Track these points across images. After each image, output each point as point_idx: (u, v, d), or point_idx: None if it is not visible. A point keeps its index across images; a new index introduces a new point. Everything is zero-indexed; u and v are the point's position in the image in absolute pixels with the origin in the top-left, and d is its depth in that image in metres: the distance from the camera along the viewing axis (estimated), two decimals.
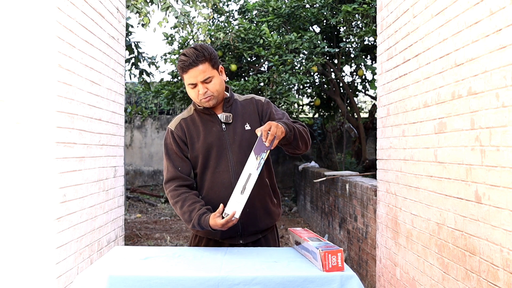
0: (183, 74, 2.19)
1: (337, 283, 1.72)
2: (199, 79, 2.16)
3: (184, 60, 2.16)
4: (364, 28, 7.76)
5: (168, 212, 9.38)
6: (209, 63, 2.17)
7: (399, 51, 3.44)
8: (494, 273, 2.12)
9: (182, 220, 2.27)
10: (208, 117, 2.29)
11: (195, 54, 2.15)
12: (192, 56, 2.14)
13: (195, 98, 2.23)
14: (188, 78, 2.18)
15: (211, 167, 2.24)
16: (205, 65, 2.16)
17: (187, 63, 2.14)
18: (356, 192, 5.01)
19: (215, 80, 2.20)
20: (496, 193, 2.10)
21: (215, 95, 2.21)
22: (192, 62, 2.14)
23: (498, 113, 2.09)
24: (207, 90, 2.19)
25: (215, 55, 2.22)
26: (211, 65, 2.18)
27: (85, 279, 1.74)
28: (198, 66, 2.15)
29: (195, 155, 2.27)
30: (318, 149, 11.58)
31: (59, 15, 2.95)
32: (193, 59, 2.14)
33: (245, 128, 2.27)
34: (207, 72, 2.17)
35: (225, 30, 7.85)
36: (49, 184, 2.89)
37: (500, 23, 2.07)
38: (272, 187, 2.35)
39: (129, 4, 5.79)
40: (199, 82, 2.17)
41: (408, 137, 3.24)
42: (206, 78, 2.17)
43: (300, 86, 8.96)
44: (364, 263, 4.66)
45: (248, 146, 2.21)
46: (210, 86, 2.19)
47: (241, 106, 2.32)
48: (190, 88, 2.21)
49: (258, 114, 2.30)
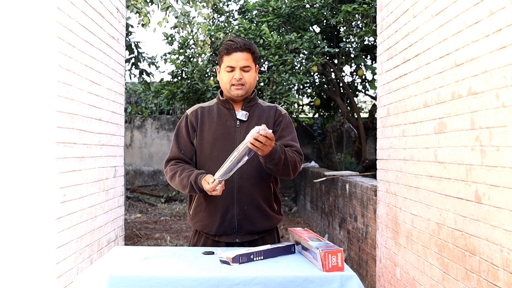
0: (226, 56, 2.27)
1: (337, 283, 1.72)
2: (240, 64, 2.26)
3: (231, 43, 2.27)
4: (364, 28, 7.76)
5: (168, 212, 9.38)
6: (252, 55, 2.29)
7: (399, 51, 3.44)
8: (494, 273, 2.12)
9: (178, 188, 2.30)
10: (226, 111, 2.34)
11: (243, 42, 2.27)
12: (240, 42, 2.26)
13: (227, 83, 2.29)
14: (229, 60, 2.26)
15: (214, 159, 2.26)
16: (248, 55, 2.27)
17: (234, 46, 2.25)
18: (356, 192, 5.01)
19: (251, 72, 2.30)
20: (496, 193, 2.10)
21: (246, 86, 2.29)
22: (239, 47, 2.25)
23: (498, 113, 2.09)
24: (242, 78, 2.27)
25: (258, 53, 2.35)
26: (252, 58, 2.29)
27: (85, 279, 1.74)
28: (242, 52, 2.26)
29: (201, 143, 2.31)
30: (318, 149, 11.58)
31: (59, 15, 2.95)
32: (240, 45, 2.25)
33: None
34: (248, 61, 2.28)
35: (225, 30, 7.85)
36: (49, 184, 2.89)
37: (500, 23, 2.07)
38: (274, 193, 2.37)
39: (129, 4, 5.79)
40: (239, 67, 2.26)
41: (408, 137, 3.24)
42: (246, 65, 2.27)
43: (300, 86, 8.96)
44: (364, 263, 4.66)
45: None
46: (246, 75, 2.28)
47: (262, 110, 2.38)
48: (226, 72, 2.28)
49: (274, 121, 2.35)
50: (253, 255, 1.91)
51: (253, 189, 2.25)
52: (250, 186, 2.25)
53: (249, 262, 1.89)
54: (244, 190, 2.24)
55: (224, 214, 2.25)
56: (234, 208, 2.25)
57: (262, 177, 2.28)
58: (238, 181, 2.24)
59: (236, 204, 2.24)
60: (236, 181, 2.24)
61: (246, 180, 2.24)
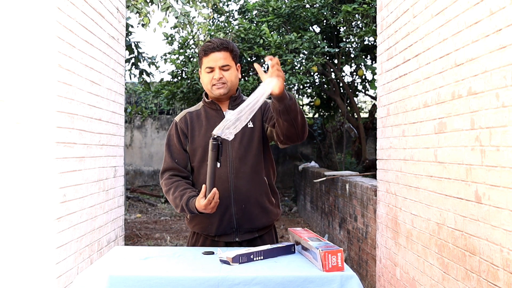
0: (204, 57, 2.28)
1: (337, 283, 1.72)
2: (218, 64, 2.26)
3: (208, 44, 2.29)
4: (364, 28, 7.76)
5: (168, 212, 9.38)
6: (230, 53, 2.29)
7: (399, 51, 3.44)
8: (494, 273, 2.12)
9: (172, 205, 2.30)
10: (213, 113, 2.34)
11: (220, 42, 2.28)
12: (217, 42, 2.28)
13: (208, 84, 2.29)
14: (208, 61, 2.27)
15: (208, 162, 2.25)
16: (226, 54, 2.28)
17: (211, 46, 2.27)
18: (356, 192, 5.01)
19: (232, 71, 2.30)
20: (496, 193, 2.10)
21: (228, 85, 2.29)
22: (216, 47, 2.26)
23: (498, 113, 2.09)
24: (223, 77, 2.27)
25: (237, 51, 2.35)
26: (231, 57, 2.30)
27: (85, 279, 1.74)
28: (220, 52, 2.26)
29: (194, 147, 2.31)
30: (318, 149, 11.58)
31: (59, 15, 2.95)
32: (217, 45, 2.26)
33: (248, 126, 2.29)
34: (227, 60, 2.28)
35: (225, 30, 7.85)
36: (49, 184, 2.89)
37: (500, 23, 2.07)
38: (270, 186, 2.36)
39: (129, 4, 5.80)
40: (218, 67, 2.26)
41: (408, 137, 3.24)
42: (224, 65, 2.27)
43: (300, 86, 8.96)
44: (364, 263, 4.66)
45: (249, 143, 2.27)
46: (226, 74, 2.28)
47: None
48: (206, 73, 2.29)
49: (261, 113, 2.33)
50: (253, 255, 1.91)
51: (249, 186, 2.26)
52: (246, 184, 2.26)
53: (249, 262, 1.89)
54: (241, 189, 2.25)
55: (223, 215, 2.25)
56: (232, 208, 2.25)
57: (257, 172, 2.28)
58: (234, 180, 2.25)
59: (233, 203, 2.25)
60: (232, 181, 2.25)
61: (241, 179, 2.25)
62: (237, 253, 1.87)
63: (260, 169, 2.29)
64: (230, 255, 1.86)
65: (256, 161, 2.28)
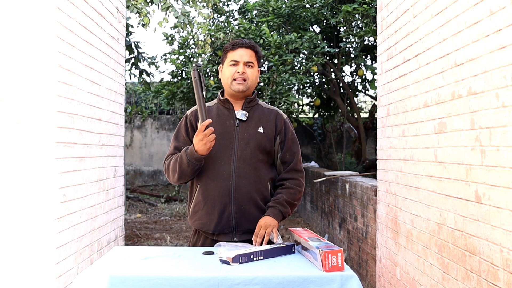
0: (230, 51, 2.35)
1: (337, 283, 1.72)
2: (244, 59, 2.33)
3: (237, 40, 2.38)
4: (364, 28, 7.76)
5: (168, 212, 9.38)
6: (255, 54, 2.38)
7: (399, 51, 3.44)
8: (494, 273, 2.12)
9: (176, 172, 2.31)
10: (225, 111, 2.37)
11: (248, 41, 2.39)
12: (245, 40, 2.38)
13: (229, 77, 2.33)
14: (234, 55, 2.33)
15: (212, 157, 2.28)
16: (252, 53, 2.36)
17: (239, 42, 2.35)
18: (356, 192, 5.01)
19: (254, 70, 2.37)
20: (496, 193, 2.10)
21: (248, 83, 2.34)
22: (243, 43, 2.35)
23: (498, 113, 2.09)
24: (245, 73, 2.33)
25: (262, 55, 2.45)
26: (256, 57, 2.38)
27: (85, 279, 1.74)
28: (247, 49, 2.35)
29: None
30: (318, 149, 11.58)
31: (59, 15, 2.95)
32: (246, 42, 2.36)
33: (258, 130, 2.33)
34: (252, 58, 2.35)
35: (225, 30, 7.85)
36: (49, 184, 2.89)
37: (500, 23, 2.07)
38: (271, 193, 2.37)
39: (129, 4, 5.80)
40: (243, 61, 2.33)
41: (408, 137, 3.24)
42: (249, 61, 2.34)
43: (300, 86, 8.96)
44: (364, 263, 4.66)
45: (256, 146, 2.30)
46: (249, 71, 2.34)
47: (262, 111, 2.40)
48: (230, 66, 2.34)
49: (275, 127, 2.38)
50: (253, 255, 1.91)
51: (250, 187, 2.27)
52: (247, 185, 2.27)
53: (249, 262, 1.89)
54: (241, 189, 2.26)
55: (222, 213, 2.26)
56: (231, 207, 2.26)
57: (260, 176, 2.30)
58: (235, 179, 2.26)
59: (233, 202, 2.26)
60: (233, 180, 2.26)
61: (243, 179, 2.26)
62: (237, 253, 1.87)
63: (263, 174, 2.31)
64: (230, 255, 1.86)
65: (260, 165, 2.30)
